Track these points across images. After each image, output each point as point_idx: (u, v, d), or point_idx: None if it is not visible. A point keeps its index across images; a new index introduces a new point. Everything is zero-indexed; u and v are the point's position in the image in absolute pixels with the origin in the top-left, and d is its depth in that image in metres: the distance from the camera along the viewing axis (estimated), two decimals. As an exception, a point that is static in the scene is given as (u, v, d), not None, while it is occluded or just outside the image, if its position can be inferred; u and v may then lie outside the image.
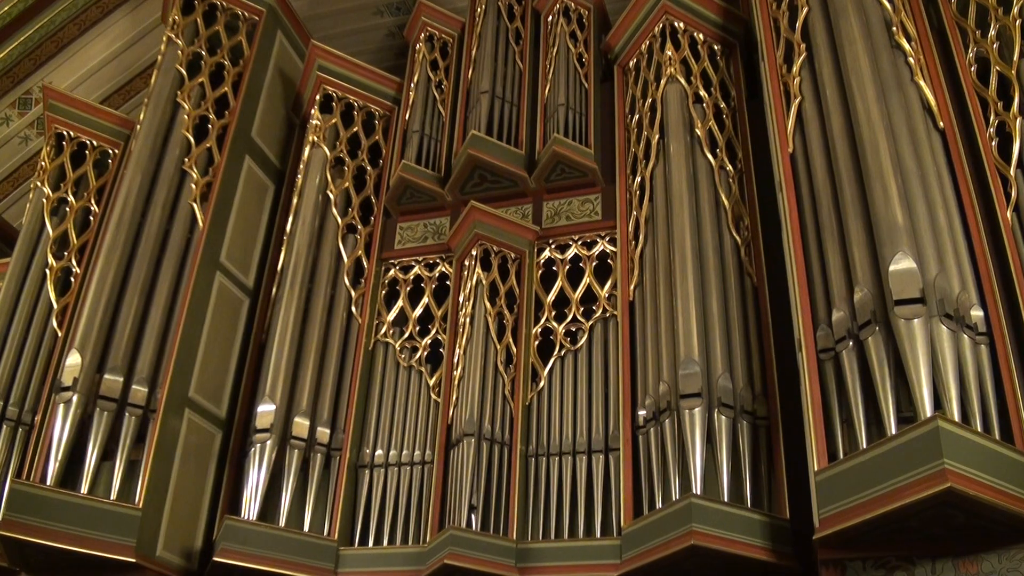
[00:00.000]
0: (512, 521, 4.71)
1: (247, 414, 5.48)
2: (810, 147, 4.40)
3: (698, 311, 4.55)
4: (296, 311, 5.58)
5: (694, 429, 4.21)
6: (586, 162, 5.64)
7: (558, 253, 5.61)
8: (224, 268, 5.71)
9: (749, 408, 4.38)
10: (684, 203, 4.92)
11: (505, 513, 4.76)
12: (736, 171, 5.19)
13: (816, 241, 4.20)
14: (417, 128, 6.25)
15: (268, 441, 5.07)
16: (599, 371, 5.09)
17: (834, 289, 3.96)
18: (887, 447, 3.30)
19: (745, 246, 4.95)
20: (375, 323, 5.81)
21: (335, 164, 6.29)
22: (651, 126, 5.43)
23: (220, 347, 5.54)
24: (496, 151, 5.79)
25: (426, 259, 5.98)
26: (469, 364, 5.13)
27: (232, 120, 6.05)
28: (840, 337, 3.81)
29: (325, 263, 5.91)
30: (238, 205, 5.93)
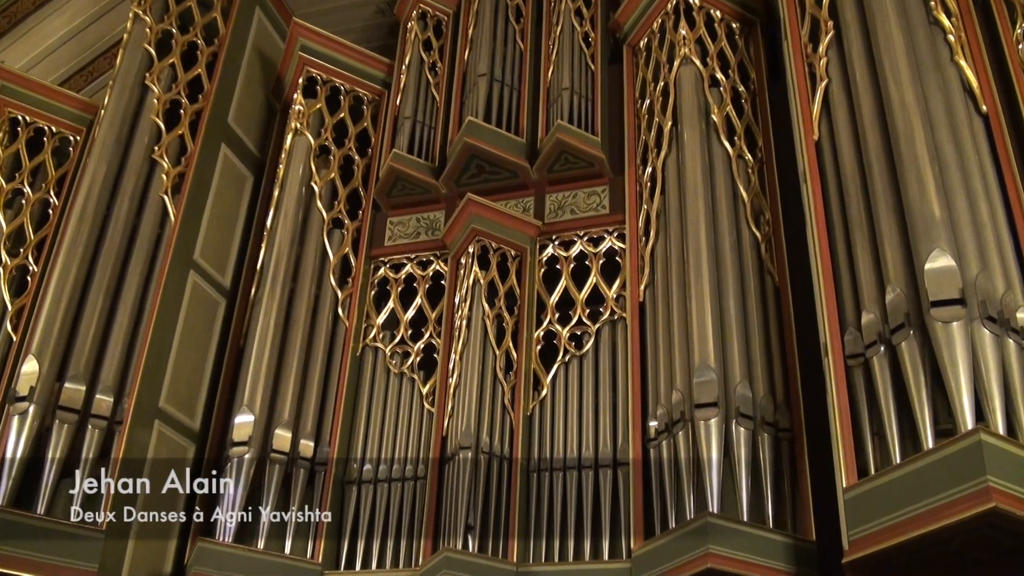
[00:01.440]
0: (512, 542, 4.70)
1: (223, 426, 5.45)
2: (837, 134, 4.38)
3: (714, 313, 4.54)
4: (277, 313, 5.57)
5: (710, 442, 4.21)
6: (592, 151, 5.63)
7: (562, 250, 5.60)
8: (198, 266, 5.69)
9: (770, 419, 4.37)
10: (699, 195, 4.92)
11: (505, 533, 4.74)
12: (756, 160, 5.19)
13: (844, 237, 4.18)
14: (409, 114, 6.23)
15: (246, 455, 5.05)
16: (607, 378, 5.08)
17: (864, 289, 3.94)
18: (923, 462, 3.28)
19: (766, 242, 4.94)
20: (363, 326, 5.80)
21: (320, 153, 6.27)
22: (663, 112, 5.42)
23: (194, 353, 5.53)
24: (495, 139, 5.78)
25: (419, 257, 5.97)
26: (466, 371, 5.12)
27: (206, 105, 6.03)
28: (870, 342, 3.80)
29: (309, 261, 5.89)
30: (213, 198, 5.91)
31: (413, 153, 6.08)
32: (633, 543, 4.40)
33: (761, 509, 4.15)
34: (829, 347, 3.90)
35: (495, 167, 5.83)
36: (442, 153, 6.12)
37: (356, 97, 6.59)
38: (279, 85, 6.70)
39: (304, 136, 6.17)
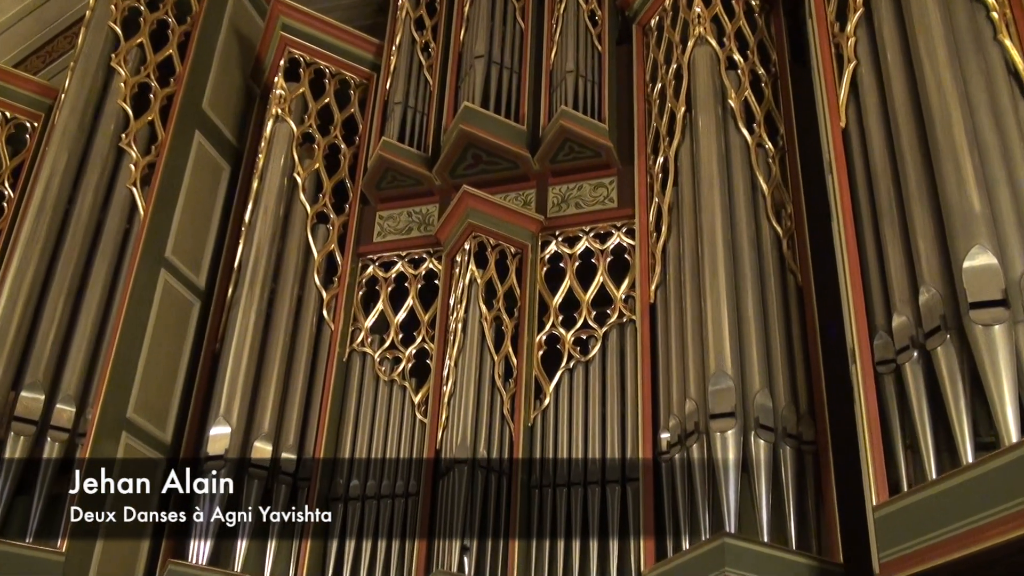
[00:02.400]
0: (512, 565, 4.68)
1: (197, 438, 5.43)
2: (867, 121, 4.37)
3: (731, 315, 4.54)
4: (256, 315, 5.56)
5: (727, 455, 4.21)
6: (599, 139, 5.63)
7: (566, 247, 5.60)
8: (170, 265, 5.68)
9: (793, 431, 4.36)
10: (715, 187, 4.92)
11: (504, 555, 4.73)
12: (777, 149, 5.19)
13: (873, 232, 4.17)
14: (400, 99, 6.23)
15: (222, 470, 5.03)
16: (614, 386, 5.08)
17: (895, 290, 3.93)
18: (962, 478, 3.26)
19: (788, 238, 4.94)
20: (350, 330, 5.80)
21: (303, 141, 6.26)
22: (676, 96, 5.41)
23: (165, 358, 5.51)
24: (493, 126, 5.77)
25: (410, 254, 5.97)
26: (461, 378, 5.12)
27: (179, 89, 6.02)
28: (902, 347, 3.79)
29: (291, 258, 5.90)
30: (187, 190, 5.90)
31: (404, 141, 6.08)
32: (643, 565, 4.38)
33: (783, 529, 4.13)
34: (857, 353, 3.90)
35: (493, 157, 5.82)
36: (436, 142, 6.11)
37: (342, 81, 6.58)
38: (258, 67, 6.69)
39: (286, 123, 6.16)
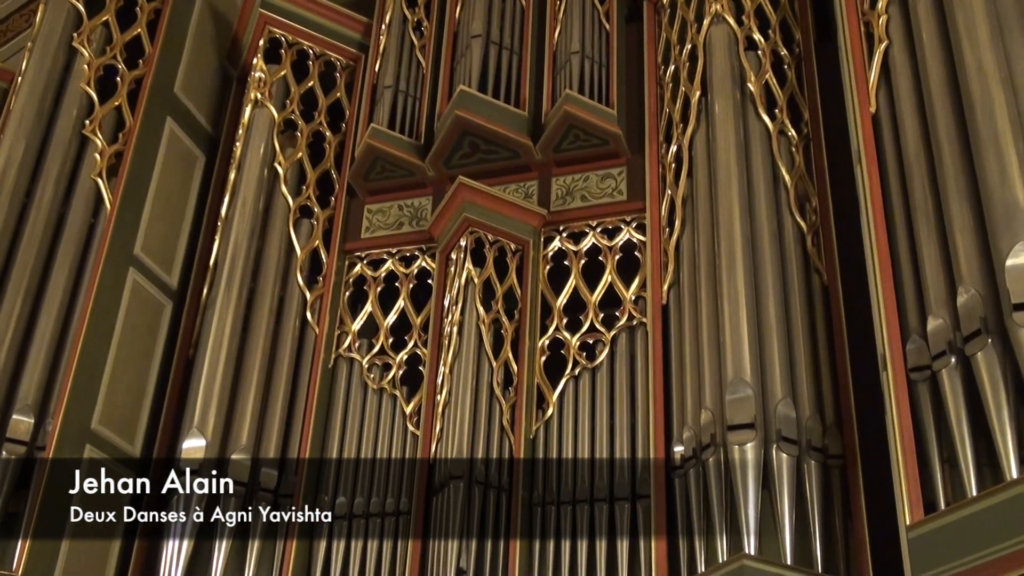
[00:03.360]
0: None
1: (169, 452, 5.43)
2: (899, 106, 4.36)
3: (751, 318, 4.54)
4: (234, 318, 5.57)
5: (746, 470, 4.20)
6: (607, 126, 5.64)
7: (571, 243, 5.61)
8: (140, 263, 5.68)
9: (818, 443, 4.35)
10: (733, 178, 4.92)
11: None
12: (801, 137, 5.19)
13: (906, 227, 4.16)
14: (390, 83, 6.23)
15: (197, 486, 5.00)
16: (623, 395, 5.09)
17: (930, 290, 3.92)
18: (1005, 495, 3.27)
19: (812, 234, 4.94)
20: (336, 333, 5.80)
21: (284, 129, 6.27)
22: (691, 80, 5.41)
23: (134, 365, 5.51)
24: (491, 112, 5.77)
25: (401, 251, 5.98)
26: (457, 386, 5.12)
27: (148, 71, 6.01)
28: (938, 352, 3.78)
29: (272, 256, 5.90)
30: (157, 181, 5.89)
31: (395, 129, 6.08)
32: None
33: (808, 550, 4.12)
34: (889, 358, 3.90)
35: (492, 145, 5.82)
36: (429, 129, 6.11)
37: (327, 62, 6.59)
38: (236, 48, 6.69)
39: (266, 108, 6.17)
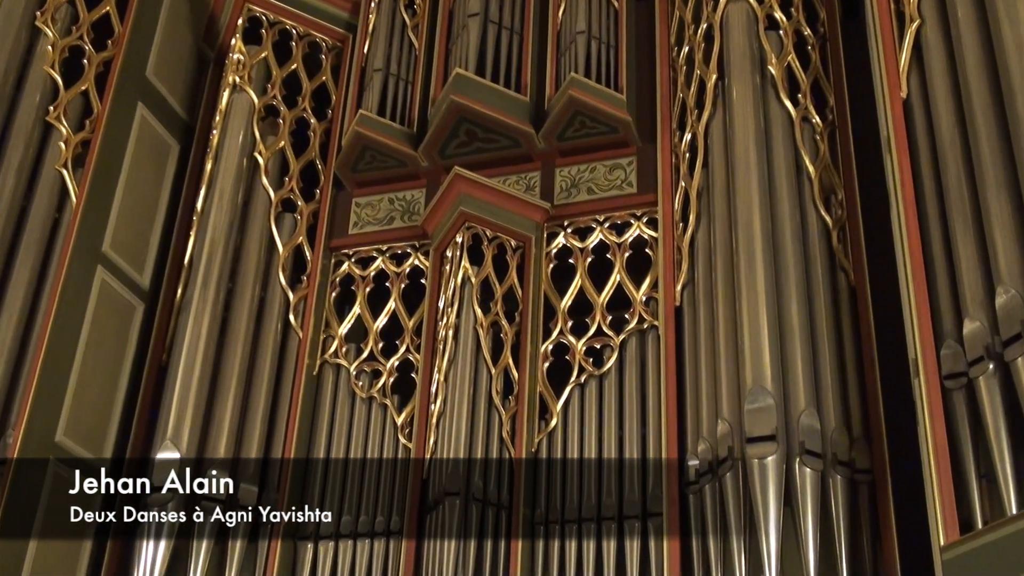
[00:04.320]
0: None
1: (140, 466, 5.38)
2: (932, 90, 4.34)
3: (771, 320, 4.54)
4: (211, 321, 5.58)
5: (767, 486, 4.20)
6: (616, 112, 5.64)
7: (576, 240, 5.61)
8: (108, 261, 5.68)
9: (844, 457, 4.36)
10: (752, 169, 4.92)
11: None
12: (826, 124, 5.20)
13: (940, 222, 4.14)
14: (380, 66, 6.24)
15: (170, 503, 5.03)
16: (633, 405, 5.10)
17: (966, 290, 3.90)
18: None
19: (838, 229, 4.94)
20: (322, 338, 5.82)
21: (265, 115, 6.28)
22: (706, 62, 5.41)
23: (102, 371, 5.50)
24: (490, 97, 5.77)
25: (392, 248, 5.99)
26: (452, 395, 5.13)
27: (118, 53, 6.02)
28: (975, 358, 3.76)
29: (252, 254, 5.92)
30: (128, 172, 5.89)
31: (385, 115, 6.08)
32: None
33: (834, 573, 4.12)
34: (921, 365, 3.88)
35: (490, 133, 5.83)
36: (422, 115, 6.12)
37: (312, 43, 6.60)
38: (212, 28, 6.69)
39: (245, 93, 6.18)
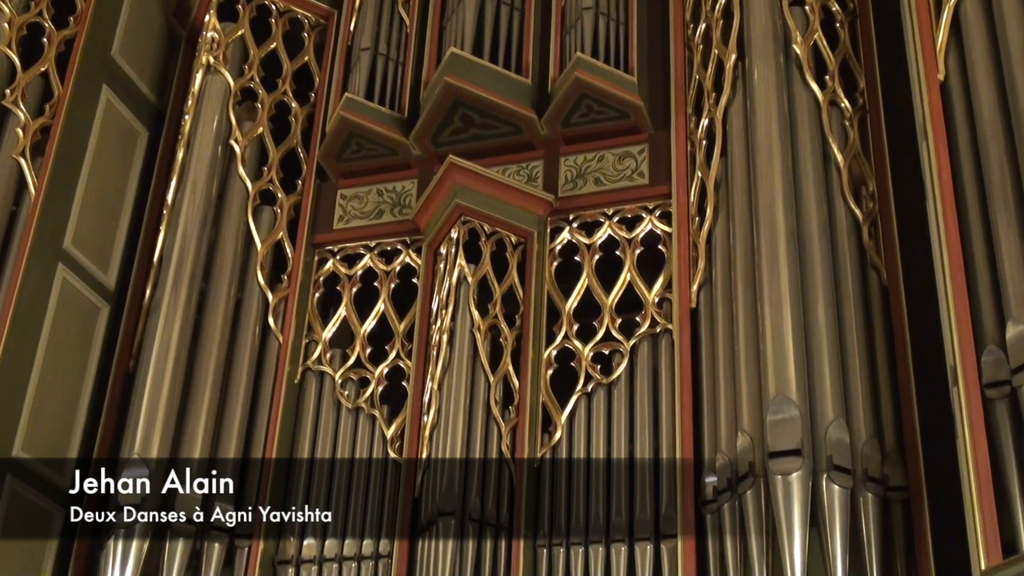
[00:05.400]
0: (512, 647, 4.72)
1: (105, 482, 5.37)
2: (972, 71, 4.34)
3: (796, 324, 4.53)
4: (182, 324, 5.58)
5: (791, 505, 4.19)
6: (626, 95, 5.64)
7: (583, 236, 5.61)
8: (70, 258, 5.69)
9: (876, 473, 4.37)
10: (775, 158, 4.91)
11: (502, 635, 4.77)
12: (856, 109, 5.20)
13: (981, 216, 4.15)
14: (368, 44, 6.25)
15: (138, 524, 5.02)
16: (645, 415, 5.09)
17: (1010, 291, 3.90)
18: None
19: (869, 224, 4.95)
20: (304, 342, 5.82)
21: (242, 99, 6.29)
22: (725, 41, 5.41)
23: (64, 379, 5.52)
24: (488, 79, 5.78)
25: (381, 245, 5.99)
26: (447, 405, 5.12)
27: (81, 31, 6.03)
28: (1019, 364, 3.76)
29: (227, 251, 5.92)
30: (91, 162, 5.90)
31: (374, 99, 6.09)
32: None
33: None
34: (960, 372, 3.89)
35: (488, 119, 5.83)
36: (414, 99, 6.12)
37: (293, 20, 6.60)
38: (184, 3, 6.69)
39: (220, 75, 6.18)
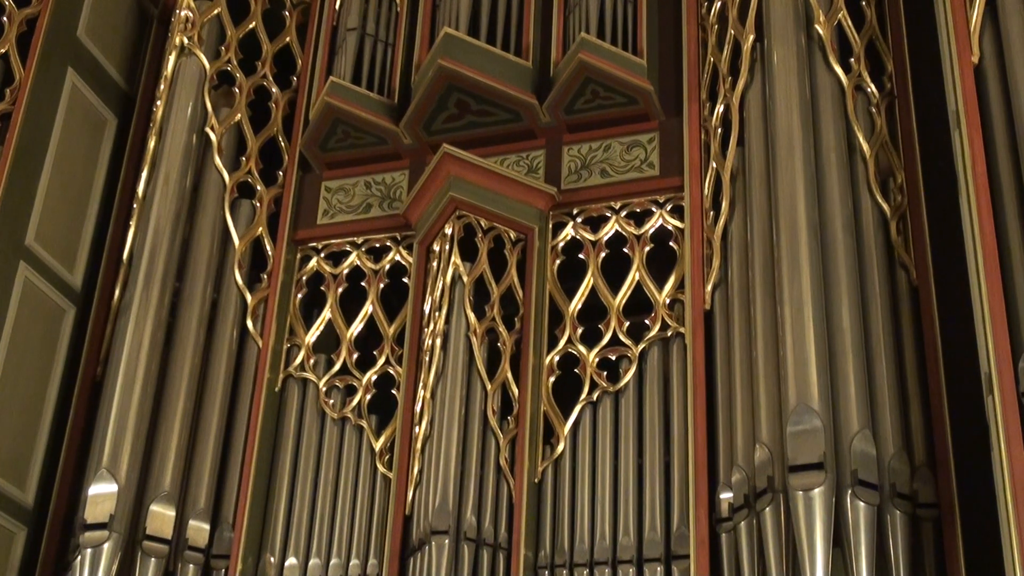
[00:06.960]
0: (511, 677, 4.74)
1: (70, 499, 5.47)
2: (1009, 54, 4.32)
3: (819, 327, 4.54)
4: (154, 327, 5.59)
5: (813, 523, 4.19)
6: (634, 79, 5.63)
7: (588, 231, 5.62)
8: (33, 256, 5.72)
9: (905, 490, 4.38)
10: (796, 148, 4.92)
11: (500, 664, 4.79)
12: (883, 95, 5.21)
13: (1017, 210, 4.13)
14: (355, 24, 6.24)
15: (106, 544, 5.04)
16: (656, 427, 5.10)
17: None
18: None
19: (898, 219, 4.96)
20: (285, 347, 5.83)
21: (219, 83, 6.30)
22: (742, 20, 5.42)
23: (24, 388, 5.54)
24: (485, 62, 5.77)
25: (369, 241, 6.00)
26: (440, 414, 5.13)
27: (44, 9, 6.04)
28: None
29: (203, 248, 5.93)
30: (56, 151, 5.93)
31: (361, 84, 6.09)
32: (696, 678, 4.43)
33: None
34: (995, 380, 3.85)
35: (485, 105, 5.84)
36: (405, 84, 6.13)
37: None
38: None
39: (195, 57, 6.19)
